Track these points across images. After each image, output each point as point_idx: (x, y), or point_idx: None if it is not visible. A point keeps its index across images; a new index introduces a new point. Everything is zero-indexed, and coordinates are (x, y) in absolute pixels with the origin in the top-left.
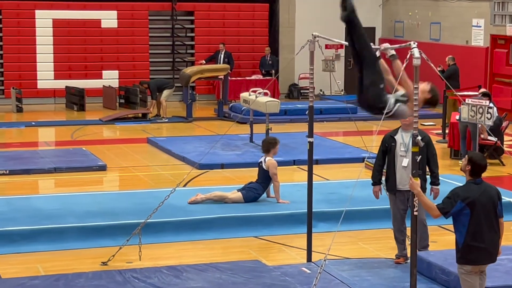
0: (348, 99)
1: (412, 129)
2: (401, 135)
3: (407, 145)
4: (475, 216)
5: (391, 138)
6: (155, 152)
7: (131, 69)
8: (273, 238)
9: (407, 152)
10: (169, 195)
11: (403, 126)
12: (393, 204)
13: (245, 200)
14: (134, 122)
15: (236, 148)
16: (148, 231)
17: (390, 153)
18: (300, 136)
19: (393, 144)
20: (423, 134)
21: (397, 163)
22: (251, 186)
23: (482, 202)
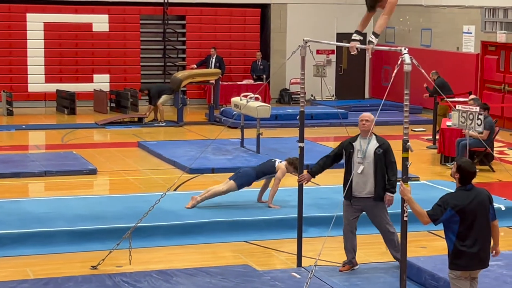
0: (339, 105)
1: (369, 136)
2: (360, 142)
3: (364, 152)
4: (465, 223)
5: (350, 144)
6: (146, 156)
7: (122, 73)
8: (263, 243)
9: (364, 159)
10: (159, 199)
11: (362, 133)
12: (346, 211)
13: (238, 187)
14: (125, 126)
15: (227, 152)
16: (138, 235)
17: (349, 160)
18: (291, 141)
19: (351, 150)
20: (382, 141)
21: (353, 169)
22: (244, 171)
23: (473, 208)
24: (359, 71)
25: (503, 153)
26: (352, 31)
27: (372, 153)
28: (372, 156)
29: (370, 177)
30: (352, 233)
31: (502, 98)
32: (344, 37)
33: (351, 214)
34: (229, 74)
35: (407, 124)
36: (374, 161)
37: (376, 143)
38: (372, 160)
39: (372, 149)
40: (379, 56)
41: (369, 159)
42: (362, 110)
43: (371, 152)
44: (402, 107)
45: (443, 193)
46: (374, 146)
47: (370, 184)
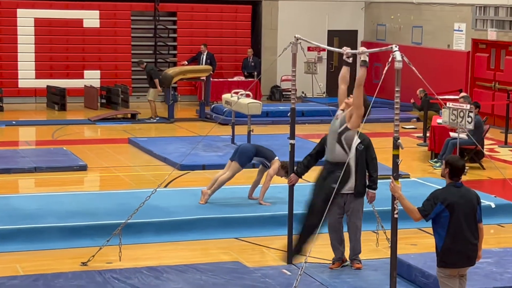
0: (330, 102)
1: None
2: None
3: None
4: (454, 219)
5: None
6: (136, 152)
7: (113, 69)
8: (254, 240)
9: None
10: (150, 196)
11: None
12: (330, 206)
13: (242, 166)
14: (116, 122)
15: (217, 149)
16: (129, 232)
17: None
18: (281, 138)
19: None
20: (363, 137)
21: None
22: (242, 148)
23: (462, 205)
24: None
25: (494, 150)
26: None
27: (354, 149)
28: (353, 152)
29: (352, 173)
30: (340, 230)
31: (492, 96)
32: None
33: (336, 211)
34: (220, 71)
35: (397, 122)
36: (355, 157)
37: (358, 139)
38: (353, 156)
39: (354, 145)
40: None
41: (350, 155)
42: None
43: (353, 148)
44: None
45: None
46: (355, 142)
47: (352, 180)
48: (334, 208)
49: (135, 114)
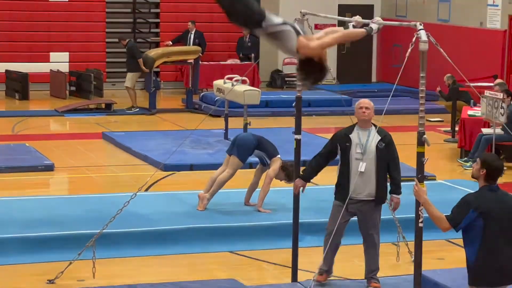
0: (341, 89)
1: (370, 127)
2: (358, 133)
3: (364, 146)
4: (489, 229)
5: (346, 137)
6: (112, 149)
7: (84, 51)
8: (251, 254)
9: (364, 154)
10: (128, 201)
11: (361, 123)
12: (337, 213)
13: (243, 161)
14: (88, 114)
15: (208, 146)
16: (104, 244)
17: (345, 155)
18: (284, 133)
19: (348, 144)
20: (384, 133)
21: (352, 167)
22: (241, 139)
23: (498, 212)
24: (364, 51)
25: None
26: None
27: (374, 147)
28: (374, 152)
29: (371, 176)
30: (338, 242)
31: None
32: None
33: (342, 218)
34: (211, 53)
35: (423, 113)
36: (376, 158)
37: (378, 135)
38: (373, 156)
39: (373, 143)
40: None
41: (370, 155)
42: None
43: (373, 147)
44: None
45: (464, 195)
46: (375, 139)
47: (371, 185)
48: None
49: (110, 104)
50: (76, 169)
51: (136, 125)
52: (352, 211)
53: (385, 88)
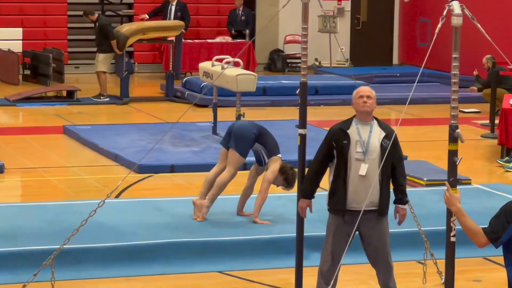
0: (355, 73)
1: (372, 120)
2: (357, 128)
3: (366, 144)
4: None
5: (342, 133)
6: (75, 147)
7: (41, 27)
8: (246, 274)
9: (366, 154)
10: (95, 210)
11: (361, 115)
12: (336, 230)
13: (245, 155)
14: (45, 104)
15: (192, 142)
16: (65, 262)
17: (341, 155)
18: (286, 126)
19: (345, 142)
20: (388, 128)
21: (350, 170)
22: (238, 129)
23: None
24: (384, 26)
25: None
26: None
27: (378, 146)
28: (378, 151)
29: (375, 180)
30: (337, 266)
31: None
32: None
33: (343, 238)
34: (196, 28)
35: (455, 103)
36: (381, 158)
37: (382, 131)
38: (377, 156)
39: (377, 140)
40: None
41: (373, 155)
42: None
43: (376, 145)
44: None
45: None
46: (379, 135)
47: (375, 192)
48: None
49: (72, 91)
50: (31, 171)
51: (104, 117)
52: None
53: (409, 72)
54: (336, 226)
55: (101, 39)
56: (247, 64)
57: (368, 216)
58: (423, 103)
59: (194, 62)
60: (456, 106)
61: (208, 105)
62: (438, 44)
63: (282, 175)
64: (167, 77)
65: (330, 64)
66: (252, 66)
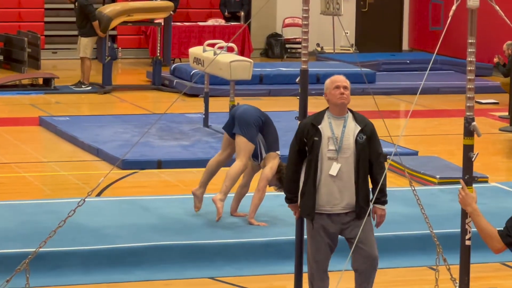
0: (361, 60)
1: (346, 113)
2: (329, 123)
3: (339, 140)
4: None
5: (313, 128)
6: (53, 140)
7: (15, 7)
8: (240, 281)
9: (340, 152)
10: (74, 210)
11: (334, 108)
12: (312, 235)
13: (253, 141)
14: (19, 92)
15: (181, 136)
16: (41, 267)
17: (312, 153)
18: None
19: (317, 138)
20: (364, 121)
21: (322, 169)
22: (242, 114)
23: None
24: (393, 8)
25: None
26: None
27: (353, 142)
28: (352, 148)
29: (350, 181)
30: (325, 274)
31: None
32: None
33: (322, 242)
34: (186, 10)
35: (471, 93)
36: (356, 155)
37: (357, 125)
38: (352, 153)
39: (351, 136)
40: None
41: (347, 153)
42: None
43: (351, 141)
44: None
45: None
46: (353, 130)
47: (350, 193)
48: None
49: (49, 79)
50: (3, 166)
51: (84, 108)
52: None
53: (420, 58)
54: (310, 230)
55: (82, 21)
56: (242, 49)
57: (347, 219)
58: (435, 93)
59: (184, 47)
60: (472, 96)
61: (199, 94)
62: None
63: (277, 174)
64: (154, 64)
65: (333, 49)
66: (247, 52)
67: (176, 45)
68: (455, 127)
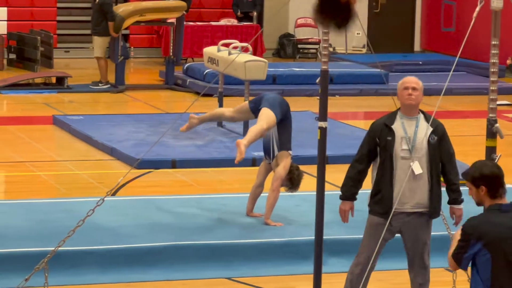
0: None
1: (418, 114)
2: (402, 123)
3: (412, 140)
4: (498, 264)
5: (386, 128)
6: (66, 139)
7: (27, 6)
8: (257, 281)
9: (413, 152)
10: (93, 209)
11: (405, 108)
12: (374, 235)
13: (278, 117)
14: (33, 91)
15: (195, 135)
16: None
17: (386, 153)
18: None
19: (390, 138)
20: (435, 123)
21: (396, 169)
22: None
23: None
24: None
25: None
26: None
27: (425, 142)
28: (425, 148)
29: (423, 180)
30: (367, 270)
31: None
32: None
33: (383, 242)
34: (199, 10)
35: (494, 94)
36: (429, 155)
37: (428, 125)
38: (425, 153)
39: (423, 136)
40: None
41: (420, 153)
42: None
43: (423, 141)
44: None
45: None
46: (425, 130)
47: (421, 192)
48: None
49: (63, 78)
50: (18, 165)
51: (98, 107)
52: (395, 229)
53: (433, 59)
54: (377, 229)
55: (98, 19)
56: (255, 49)
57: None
58: (447, 94)
59: (196, 47)
60: (495, 98)
61: (213, 94)
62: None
63: (288, 174)
64: (167, 63)
65: (345, 50)
66: (259, 52)
67: (188, 45)
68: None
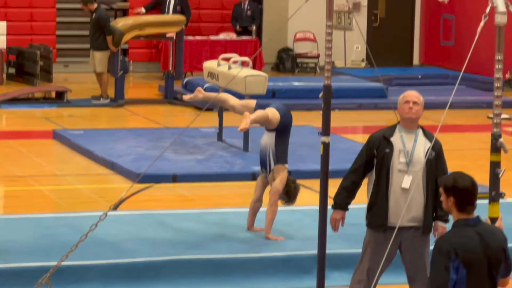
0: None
1: (417, 128)
2: (401, 136)
3: (410, 154)
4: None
5: (385, 140)
6: (66, 153)
7: (27, 20)
8: None
9: (410, 165)
10: (96, 224)
11: (405, 122)
12: (375, 247)
13: (280, 113)
14: (32, 105)
15: (196, 149)
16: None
17: (383, 165)
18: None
19: (388, 151)
20: (434, 138)
21: (392, 182)
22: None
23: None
24: (404, 23)
25: None
26: None
27: (423, 156)
28: (422, 162)
29: (418, 194)
30: (371, 286)
31: None
32: None
33: (381, 256)
34: (197, 24)
35: (499, 109)
36: (426, 170)
37: (426, 140)
38: (421, 168)
39: (421, 151)
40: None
41: (417, 167)
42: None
43: (421, 155)
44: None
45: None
46: (424, 145)
47: (417, 206)
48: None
49: (62, 92)
50: (18, 180)
51: (98, 121)
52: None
53: (432, 73)
54: (375, 243)
55: (95, 34)
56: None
57: (409, 233)
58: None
59: (195, 61)
60: (499, 113)
61: (213, 108)
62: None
63: (285, 187)
64: (166, 78)
65: (344, 64)
66: (258, 66)
67: (187, 59)
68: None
